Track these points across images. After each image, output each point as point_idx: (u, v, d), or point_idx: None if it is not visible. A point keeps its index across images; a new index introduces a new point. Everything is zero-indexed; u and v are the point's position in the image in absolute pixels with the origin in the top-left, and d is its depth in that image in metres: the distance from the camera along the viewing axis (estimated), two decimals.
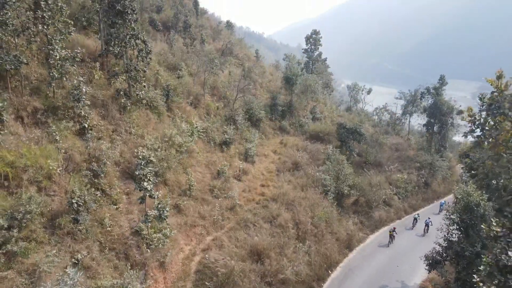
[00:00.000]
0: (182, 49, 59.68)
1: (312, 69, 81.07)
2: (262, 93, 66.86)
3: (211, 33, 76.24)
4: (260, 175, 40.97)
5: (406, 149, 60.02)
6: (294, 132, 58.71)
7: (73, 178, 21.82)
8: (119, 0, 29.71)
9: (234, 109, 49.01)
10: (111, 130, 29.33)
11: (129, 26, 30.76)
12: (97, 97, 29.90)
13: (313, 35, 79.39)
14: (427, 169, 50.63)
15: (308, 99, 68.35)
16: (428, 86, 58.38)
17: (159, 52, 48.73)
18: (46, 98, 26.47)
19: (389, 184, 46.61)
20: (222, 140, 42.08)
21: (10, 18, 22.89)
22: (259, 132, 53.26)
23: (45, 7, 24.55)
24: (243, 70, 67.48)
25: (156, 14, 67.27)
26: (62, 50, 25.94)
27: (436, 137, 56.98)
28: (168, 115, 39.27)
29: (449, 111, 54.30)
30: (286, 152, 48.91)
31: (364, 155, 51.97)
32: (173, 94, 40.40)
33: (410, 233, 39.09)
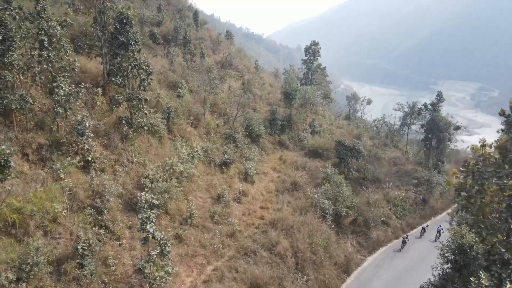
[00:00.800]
0: (182, 65, 60.28)
1: (311, 80, 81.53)
2: (261, 106, 67.47)
3: (211, 46, 76.75)
4: (259, 196, 41.56)
5: (404, 163, 60.61)
6: (293, 147, 59.31)
7: (78, 217, 22.40)
8: (122, 33, 30.22)
9: (234, 127, 49.53)
10: (113, 160, 29.91)
11: (132, 57, 31.28)
12: (99, 127, 30.44)
13: (312, 46, 79.81)
14: (424, 186, 51.21)
15: (307, 112, 68.98)
16: (426, 102, 58.91)
17: (159, 71, 49.22)
18: (50, 132, 27.08)
19: (387, 202, 47.23)
20: (222, 161, 42.65)
21: (16, 60, 23.46)
22: (259, 148, 53.92)
23: (49, 46, 25.08)
24: (243, 83, 68.15)
25: (156, 27, 67.81)
26: (66, 86, 26.47)
27: (434, 151, 57.52)
28: (169, 137, 39.92)
29: (447, 127, 54.84)
30: (285, 170, 49.53)
31: (363, 171, 52.51)
32: (174, 116, 41.01)
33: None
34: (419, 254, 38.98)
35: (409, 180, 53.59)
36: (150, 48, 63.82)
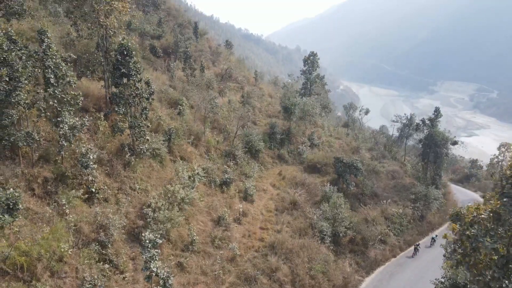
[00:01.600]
0: (182, 79, 60.94)
1: (310, 90, 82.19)
2: (261, 119, 68.19)
3: (210, 57, 77.33)
4: (259, 215, 42.25)
5: (402, 176, 61.37)
6: (292, 161, 59.99)
7: (83, 253, 23.04)
8: (123, 63, 30.83)
9: (234, 145, 50.16)
10: (116, 188, 30.56)
11: (133, 86, 31.89)
12: (102, 155, 31.05)
13: (311, 57, 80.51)
14: (422, 201, 51.90)
15: (306, 124, 69.63)
16: (423, 117, 59.55)
17: (160, 89, 49.81)
18: (55, 163, 27.73)
19: (384, 219, 47.90)
20: (222, 180, 43.27)
21: (22, 99, 24.07)
22: (258, 163, 54.59)
23: (54, 82, 25.67)
24: (242, 96, 68.82)
25: (156, 40, 68.43)
26: (71, 119, 27.05)
27: (432, 165, 58.23)
28: (170, 158, 40.58)
29: (444, 142, 55.53)
30: (284, 186, 50.27)
31: (361, 187, 53.18)
32: (175, 137, 41.65)
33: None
34: (418, 272, 39.74)
35: (407, 195, 54.27)
36: (150, 61, 64.54)
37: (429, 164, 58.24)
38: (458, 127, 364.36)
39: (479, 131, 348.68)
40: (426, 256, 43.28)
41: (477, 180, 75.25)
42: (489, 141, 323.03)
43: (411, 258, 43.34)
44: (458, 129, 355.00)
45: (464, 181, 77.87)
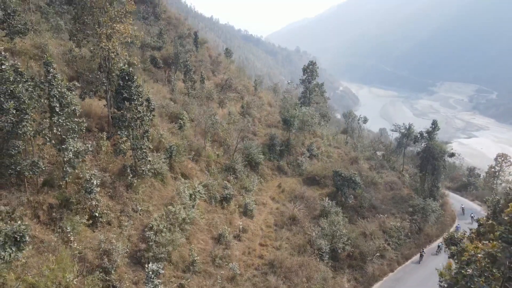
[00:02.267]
0: (183, 92, 61.60)
1: (310, 98, 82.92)
2: (260, 129, 68.87)
3: (210, 67, 77.91)
4: (259, 231, 42.97)
5: (400, 188, 62.03)
6: (291, 173, 60.70)
7: (87, 281, 23.71)
8: (125, 88, 31.48)
9: (234, 159, 50.81)
10: (119, 211, 31.22)
11: (135, 109, 32.53)
12: (105, 178, 31.69)
13: (310, 66, 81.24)
14: (419, 214, 52.60)
15: (305, 134, 70.28)
16: (421, 130, 60.25)
17: (160, 104, 50.43)
18: (59, 188, 28.37)
19: (383, 232, 48.59)
20: (222, 196, 43.94)
21: (28, 130, 24.70)
22: (258, 176, 55.29)
23: (60, 111, 26.29)
24: (242, 107, 69.48)
25: (157, 52, 69.01)
26: (75, 146, 27.67)
27: (429, 177, 58.89)
28: (171, 175, 41.22)
29: (441, 155, 56.20)
30: (284, 199, 51.06)
31: (359, 200, 53.81)
32: (176, 153, 42.28)
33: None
34: None
35: (405, 208, 54.96)
36: (151, 72, 65.22)
37: (427, 175, 58.88)
38: (457, 128, 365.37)
39: (479, 132, 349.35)
40: (422, 271, 43.99)
41: (475, 188, 75.93)
42: (489, 142, 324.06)
43: (409, 272, 44.10)
44: (457, 131, 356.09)
45: (462, 189, 78.58)
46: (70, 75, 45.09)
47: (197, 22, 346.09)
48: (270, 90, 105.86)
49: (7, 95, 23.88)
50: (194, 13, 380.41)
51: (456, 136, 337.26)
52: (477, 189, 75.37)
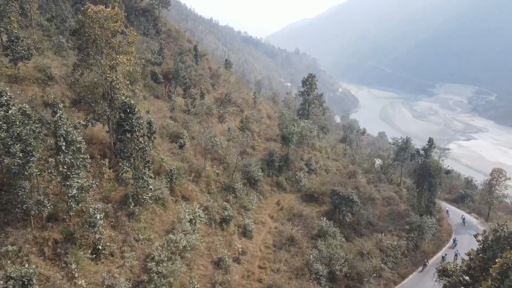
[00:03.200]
0: (183, 108, 62.42)
1: (309, 110, 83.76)
2: (259, 143, 69.80)
3: (210, 81, 78.68)
4: (258, 252, 43.84)
5: (397, 203, 62.89)
6: (290, 188, 61.54)
7: None
8: (127, 120, 32.33)
9: (233, 178, 51.64)
10: (121, 241, 32.08)
11: (137, 140, 33.38)
12: (108, 209, 32.55)
13: (309, 79, 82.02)
14: (416, 231, 53.45)
15: (304, 148, 71.11)
16: (418, 148, 61.09)
17: (161, 124, 51.27)
18: (63, 222, 29.24)
19: (379, 251, 49.42)
20: (222, 217, 44.79)
21: (34, 171, 25.55)
22: (257, 193, 56.13)
23: (65, 149, 27.11)
24: (241, 121, 70.32)
25: (157, 66, 69.86)
26: (79, 181, 28.51)
27: (426, 193, 59.71)
28: (172, 199, 42.09)
29: (437, 172, 57.04)
30: (283, 218, 51.97)
31: (357, 216, 54.60)
32: (177, 176, 43.13)
33: None
34: None
35: (402, 225, 55.80)
36: (151, 88, 66.05)
37: (423, 191, 59.73)
38: (456, 130, 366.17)
39: (478, 134, 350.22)
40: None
41: (472, 200, 76.79)
42: (488, 145, 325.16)
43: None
44: (456, 133, 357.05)
45: (459, 201, 79.45)
46: (72, 98, 46.15)
47: (197, 25, 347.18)
48: (269, 99, 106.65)
49: (14, 138, 24.71)
50: (194, 15, 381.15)
51: (456, 138, 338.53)
52: (474, 201, 76.14)
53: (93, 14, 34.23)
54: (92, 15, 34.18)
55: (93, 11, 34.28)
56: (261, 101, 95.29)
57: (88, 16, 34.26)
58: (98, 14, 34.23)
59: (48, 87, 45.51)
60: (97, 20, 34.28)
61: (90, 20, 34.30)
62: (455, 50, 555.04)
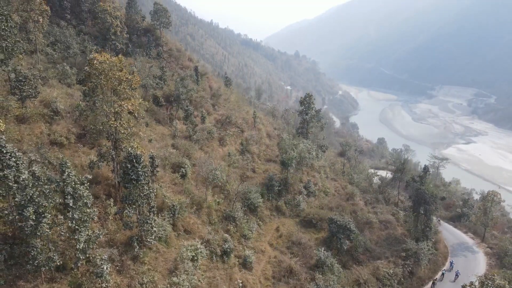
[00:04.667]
0: (184, 134, 63.82)
1: (307, 129, 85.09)
2: (259, 165, 71.19)
3: (211, 101, 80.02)
4: (258, 284, 45.31)
5: (394, 226, 64.28)
6: (289, 213, 62.93)
7: None
8: (133, 170, 33.70)
9: (234, 208, 53.00)
10: (126, 286, 33.46)
11: (142, 187, 34.75)
12: (113, 255, 33.94)
13: (307, 98, 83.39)
14: (412, 258, 54.87)
15: (302, 169, 72.51)
16: (414, 175, 62.44)
17: (163, 155, 52.62)
18: (71, 270, 30.62)
19: (376, 280, 50.89)
20: (223, 250, 46.13)
21: (46, 231, 26.94)
22: (257, 219, 57.53)
23: (73, 204, 28.50)
24: (241, 144, 71.73)
25: (158, 90, 71.27)
26: (86, 235, 29.89)
27: (422, 218, 61.04)
28: (174, 234, 43.50)
29: (433, 199, 58.37)
30: (282, 245, 53.44)
31: (354, 242, 55.92)
32: (179, 211, 44.53)
33: None
34: None
35: (399, 251, 57.16)
36: (153, 111, 67.44)
37: (420, 216, 61.07)
38: (456, 133, 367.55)
39: (477, 137, 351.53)
40: None
41: (468, 219, 78.05)
42: (487, 148, 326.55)
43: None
44: (456, 136, 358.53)
45: (455, 219, 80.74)
46: (78, 132, 47.54)
47: (197, 29, 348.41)
48: (269, 113, 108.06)
49: (27, 200, 26.10)
50: (194, 19, 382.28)
51: (455, 142, 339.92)
52: (470, 220, 77.26)
53: (99, 65, 35.56)
54: (97, 66, 35.52)
55: (99, 62, 35.62)
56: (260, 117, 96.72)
57: (94, 67, 35.60)
58: (103, 65, 35.55)
59: (54, 122, 46.92)
60: (102, 71, 35.61)
61: (96, 71, 35.64)
62: (455, 52, 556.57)
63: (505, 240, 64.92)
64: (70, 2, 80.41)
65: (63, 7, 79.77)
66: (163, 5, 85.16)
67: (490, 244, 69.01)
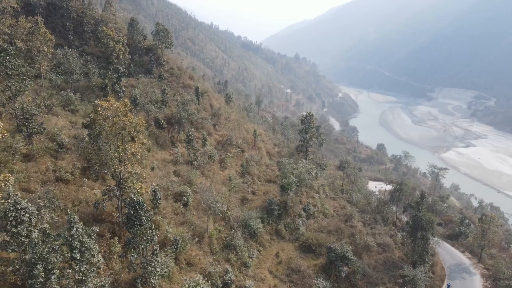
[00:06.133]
0: (186, 158, 65.01)
1: (307, 147, 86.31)
2: (259, 186, 72.45)
3: (212, 121, 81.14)
4: None
5: (392, 249, 65.51)
6: (289, 237, 64.07)
7: None
8: (136, 216, 34.88)
9: (234, 237, 54.14)
10: None
11: (145, 231, 35.91)
12: None
13: (307, 117, 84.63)
14: (409, 284, 56.09)
15: (302, 191, 73.71)
16: (410, 202, 63.61)
17: (165, 186, 53.79)
18: None
19: None
20: (223, 282, 47.26)
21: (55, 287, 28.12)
22: (257, 244, 58.72)
23: (80, 257, 29.66)
24: (242, 166, 72.94)
25: (160, 112, 72.42)
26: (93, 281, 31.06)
27: (419, 242, 62.21)
28: (177, 268, 44.67)
29: (429, 226, 59.52)
30: (282, 273, 54.66)
31: (352, 268, 57.09)
32: (181, 245, 45.70)
33: None
34: None
35: (396, 277, 58.42)
36: (154, 135, 68.67)
37: (417, 240, 62.25)
38: (456, 136, 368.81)
39: (477, 141, 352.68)
40: None
41: (465, 238, 79.16)
42: (486, 152, 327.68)
43: None
44: (455, 139, 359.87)
45: (453, 238, 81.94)
46: (82, 166, 48.72)
47: (198, 33, 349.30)
48: (269, 128, 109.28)
49: (37, 258, 27.27)
50: (194, 23, 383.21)
51: (455, 145, 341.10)
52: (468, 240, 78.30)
53: (103, 112, 36.71)
54: (102, 112, 36.67)
55: (103, 108, 36.76)
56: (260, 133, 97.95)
57: (98, 113, 36.76)
58: (108, 111, 36.69)
59: (59, 156, 48.19)
60: (107, 117, 36.75)
61: (100, 117, 36.79)
62: (454, 54, 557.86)
63: (501, 263, 66.05)
64: (73, 23, 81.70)
65: (66, 28, 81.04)
66: (165, 26, 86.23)
67: (486, 265, 70.16)
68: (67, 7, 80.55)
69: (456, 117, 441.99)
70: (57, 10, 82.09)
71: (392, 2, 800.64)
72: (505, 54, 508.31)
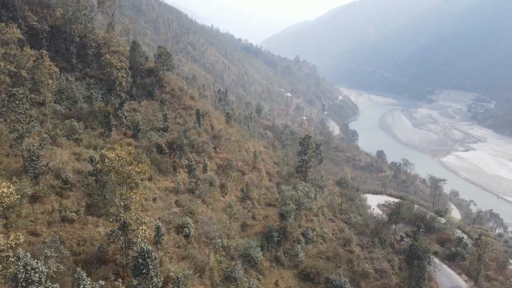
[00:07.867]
0: (187, 187, 66.36)
1: (306, 168, 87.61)
2: (259, 211, 73.82)
3: (212, 144, 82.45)
4: None
5: (389, 275, 66.81)
6: (288, 263, 65.39)
7: None
8: (143, 265, 36.24)
9: (234, 269, 55.50)
10: None
11: (151, 279, 37.28)
12: None
13: (305, 139, 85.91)
14: None
15: (301, 215, 75.04)
16: (407, 230, 64.88)
17: (167, 220, 55.16)
18: None
19: None
20: None
21: None
22: (257, 272, 60.09)
23: None
24: (242, 191, 74.32)
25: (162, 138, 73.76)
26: None
27: (416, 269, 63.47)
28: None
29: (426, 255, 60.78)
30: None
31: None
32: (183, 281, 47.08)
33: None
34: None
35: None
36: (156, 161, 69.99)
37: (413, 268, 63.53)
38: (455, 140, 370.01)
39: (477, 144, 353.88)
40: None
41: (463, 259, 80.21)
42: (486, 156, 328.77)
43: None
44: (455, 143, 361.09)
45: (450, 259, 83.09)
46: (88, 203, 50.11)
47: (198, 37, 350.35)
48: (269, 146, 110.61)
49: None
50: (195, 26, 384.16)
51: (454, 149, 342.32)
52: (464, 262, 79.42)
53: (109, 162, 38.06)
54: (107, 163, 38.02)
55: (109, 159, 38.12)
56: (260, 150, 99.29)
57: (105, 164, 38.11)
58: (113, 163, 38.04)
59: (65, 194, 49.60)
60: (112, 168, 38.10)
61: (106, 167, 38.15)
62: (454, 56, 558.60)
63: (497, 286, 67.26)
64: (76, 47, 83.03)
65: (69, 51, 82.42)
66: (166, 49, 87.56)
67: None
68: (70, 31, 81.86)
69: (456, 120, 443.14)
70: (61, 34, 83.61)
71: (392, 3, 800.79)
72: (505, 56, 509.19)
